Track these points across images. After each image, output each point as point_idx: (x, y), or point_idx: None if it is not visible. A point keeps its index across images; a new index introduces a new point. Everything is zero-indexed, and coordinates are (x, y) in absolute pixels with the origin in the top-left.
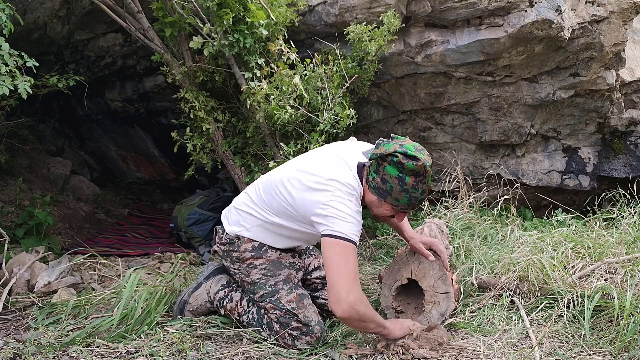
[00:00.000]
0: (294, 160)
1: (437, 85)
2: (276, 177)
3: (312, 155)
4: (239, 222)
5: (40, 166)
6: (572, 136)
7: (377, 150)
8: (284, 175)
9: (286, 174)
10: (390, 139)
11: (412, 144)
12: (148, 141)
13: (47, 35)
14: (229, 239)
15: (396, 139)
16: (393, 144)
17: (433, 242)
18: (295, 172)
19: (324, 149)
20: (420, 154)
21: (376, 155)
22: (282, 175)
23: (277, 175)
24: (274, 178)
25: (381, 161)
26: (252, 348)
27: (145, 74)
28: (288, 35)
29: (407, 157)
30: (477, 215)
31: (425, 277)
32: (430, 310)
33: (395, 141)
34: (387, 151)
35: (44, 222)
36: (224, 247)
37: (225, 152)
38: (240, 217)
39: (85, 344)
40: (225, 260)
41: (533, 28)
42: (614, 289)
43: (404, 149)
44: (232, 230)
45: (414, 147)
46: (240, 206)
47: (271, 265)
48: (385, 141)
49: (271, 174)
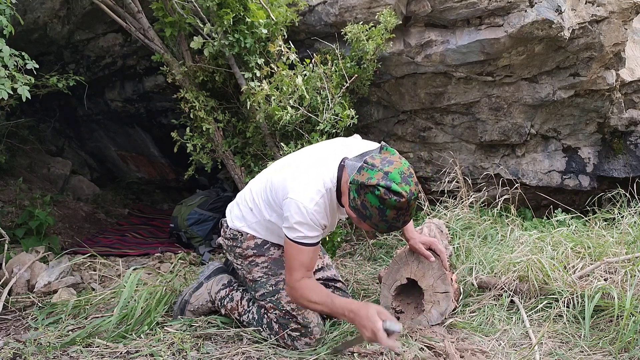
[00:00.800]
0: (286, 157)
1: (437, 85)
2: (267, 176)
3: (301, 154)
4: (241, 218)
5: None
6: (572, 136)
7: (359, 176)
8: (271, 176)
9: (272, 175)
10: (379, 151)
11: (399, 170)
12: (148, 141)
13: (47, 35)
14: (232, 234)
15: (385, 151)
16: (377, 170)
17: (432, 242)
18: (275, 174)
19: (318, 146)
20: (405, 186)
21: (357, 182)
22: (271, 174)
23: (268, 173)
24: (267, 176)
25: (362, 189)
26: (252, 348)
27: (145, 74)
28: (288, 35)
29: (390, 192)
30: (477, 215)
31: (424, 276)
32: (430, 309)
33: (381, 165)
34: (370, 182)
35: (44, 222)
36: (228, 242)
37: (225, 152)
38: (242, 212)
39: (85, 344)
40: (229, 255)
41: (533, 28)
42: (614, 289)
43: (388, 181)
44: (235, 226)
45: (400, 177)
46: (242, 201)
47: (273, 264)
48: (368, 166)
49: (267, 171)
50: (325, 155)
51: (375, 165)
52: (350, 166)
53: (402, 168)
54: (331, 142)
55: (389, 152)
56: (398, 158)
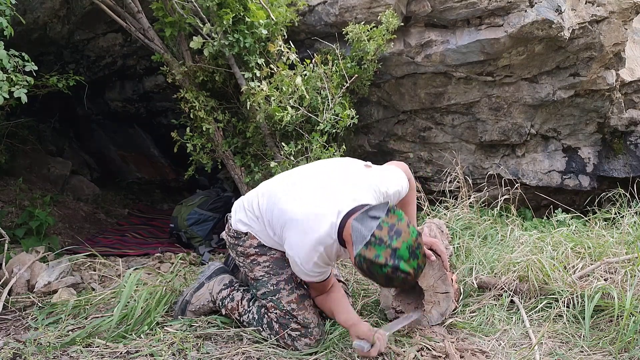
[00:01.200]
0: (295, 173)
1: (437, 85)
2: (277, 192)
3: (312, 178)
4: (246, 222)
5: (40, 166)
6: (572, 136)
7: (366, 251)
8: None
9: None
10: (386, 213)
11: (407, 244)
12: (148, 141)
13: (47, 35)
14: (235, 233)
15: (392, 214)
16: (385, 247)
17: (434, 242)
18: (278, 205)
19: (325, 175)
20: (413, 262)
21: (364, 257)
22: (275, 202)
23: (279, 189)
24: (277, 191)
25: (370, 264)
26: (252, 348)
27: (145, 74)
28: (288, 35)
29: (398, 270)
30: (477, 215)
31: (425, 277)
32: (430, 310)
33: (389, 239)
34: (378, 260)
35: (44, 222)
36: (231, 240)
37: (225, 152)
38: (248, 217)
39: (85, 344)
40: (231, 251)
41: (533, 28)
42: (614, 289)
43: (396, 260)
44: (238, 227)
45: (408, 253)
46: (249, 207)
47: (274, 264)
48: (376, 241)
49: (281, 184)
50: (332, 201)
51: (383, 241)
52: (356, 232)
53: (410, 241)
54: (347, 170)
55: (396, 215)
56: (406, 226)
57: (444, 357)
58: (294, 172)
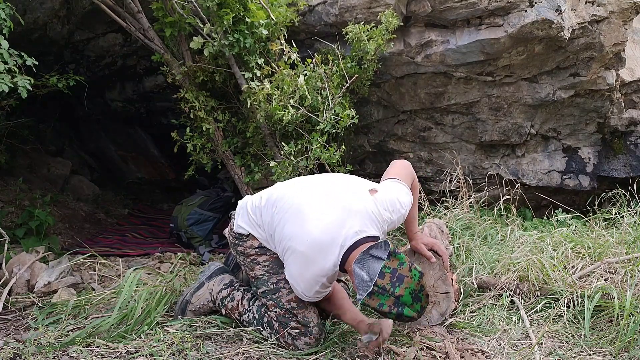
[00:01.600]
0: (300, 190)
1: (437, 85)
2: (282, 207)
3: (316, 199)
4: (248, 229)
5: (40, 166)
6: (572, 136)
7: (370, 300)
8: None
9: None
10: (387, 257)
11: (410, 289)
12: (148, 141)
13: (47, 35)
14: (237, 234)
15: (394, 258)
16: (388, 295)
17: (435, 242)
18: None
19: (336, 197)
20: (416, 306)
21: (369, 306)
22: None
23: (284, 204)
24: (282, 207)
25: (375, 310)
26: (252, 348)
27: (145, 74)
28: (288, 35)
29: (402, 316)
30: (477, 215)
31: (425, 277)
32: (430, 310)
33: (392, 287)
34: (382, 309)
35: (44, 222)
36: (232, 239)
37: (225, 152)
38: (250, 223)
39: (85, 344)
40: (233, 250)
41: (533, 28)
42: (614, 289)
43: (400, 307)
44: (240, 231)
45: (411, 298)
46: (252, 213)
47: (274, 263)
48: (379, 290)
49: (286, 198)
50: (336, 232)
51: (386, 290)
52: (358, 277)
53: (412, 286)
54: (353, 195)
55: (397, 259)
56: (408, 270)
57: (444, 357)
58: (296, 188)
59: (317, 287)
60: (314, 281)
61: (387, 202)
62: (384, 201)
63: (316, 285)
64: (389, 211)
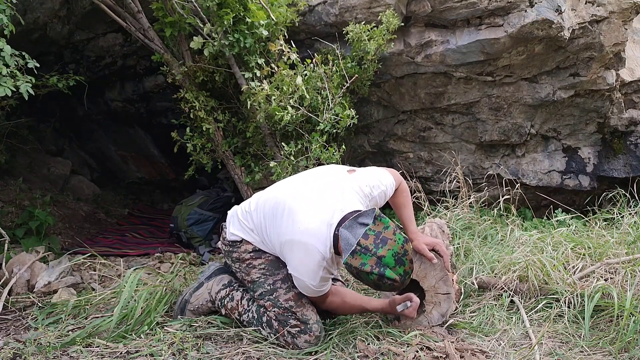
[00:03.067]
0: (283, 189)
1: (437, 85)
2: (270, 208)
3: (300, 193)
4: (240, 235)
5: (40, 166)
6: (572, 136)
7: (352, 260)
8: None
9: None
10: (373, 221)
11: (393, 251)
12: (148, 141)
13: (47, 36)
14: (230, 242)
15: (379, 222)
16: (370, 255)
17: (436, 242)
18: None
19: (315, 188)
20: (399, 269)
21: (351, 265)
22: (275, 207)
23: (272, 204)
24: (270, 207)
25: (357, 271)
26: (252, 348)
27: (145, 74)
28: (288, 35)
29: (384, 278)
30: (477, 215)
31: (426, 277)
32: (431, 310)
33: (374, 247)
34: (363, 268)
35: (44, 222)
36: (226, 248)
37: (225, 152)
38: (242, 229)
39: (85, 344)
40: (227, 259)
41: (533, 28)
42: (614, 289)
43: (381, 267)
44: (233, 238)
45: (394, 260)
46: (244, 219)
47: (270, 265)
48: (361, 249)
49: (273, 198)
50: (322, 215)
51: (369, 250)
52: (344, 240)
53: (395, 248)
54: (332, 181)
55: (382, 223)
56: (392, 234)
57: (444, 357)
58: (281, 186)
59: (321, 273)
60: (317, 266)
61: (366, 178)
62: (362, 178)
63: (320, 271)
64: (369, 186)
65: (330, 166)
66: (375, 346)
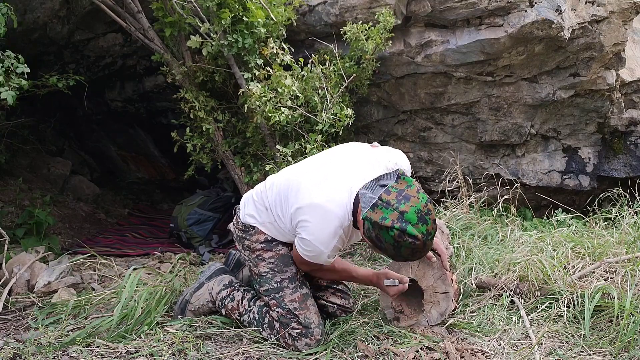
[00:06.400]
0: (309, 162)
1: (437, 85)
2: (285, 181)
3: (317, 170)
4: (254, 215)
5: (40, 166)
6: (572, 136)
7: (372, 214)
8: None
9: (292, 181)
10: (396, 180)
11: (416, 208)
12: (148, 141)
13: (47, 35)
14: (243, 226)
15: (402, 180)
16: (392, 210)
17: (434, 242)
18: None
19: (338, 159)
20: (421, 227)
21: (370, 219)
22: (290, 180)
23: (287, 178)
24: (285, 181)
25: (376, 227)
26: (252, 348)
27: (145, 74)
28: (287, 35)
29: (405, 234)
30: (477, 215)
31: (424, 276)
32: (430, 310)
33: (397, 202)
34: (384, 223)
35: (44, 222)
36: (238, 232)
37: (225, 152)
38: (256, 209)
39: (85, 344)
40: (238, 244)
41: (533, 28)
42: (614, 289)
43: (403, 223)
44: (247, 220)
45: (416, 217)
46: (259, 198)
47: (279, 260)
48: (383, 203)
49: (288, 174)
50: (343, 181)
51: (390, 204)
52: (364, 198)
53: (419, 205)
54: (353, 153)
55: (406, 182)
56: (416, 192)
57: (444, 357)
58: (301, 163)
59: (334, 242)
60: (334, 232)
61: (390, 154)
62: (386, 153)
63: (334, 239)
64: (392, 160)
65: (351, 142)
66: (375, 346)
